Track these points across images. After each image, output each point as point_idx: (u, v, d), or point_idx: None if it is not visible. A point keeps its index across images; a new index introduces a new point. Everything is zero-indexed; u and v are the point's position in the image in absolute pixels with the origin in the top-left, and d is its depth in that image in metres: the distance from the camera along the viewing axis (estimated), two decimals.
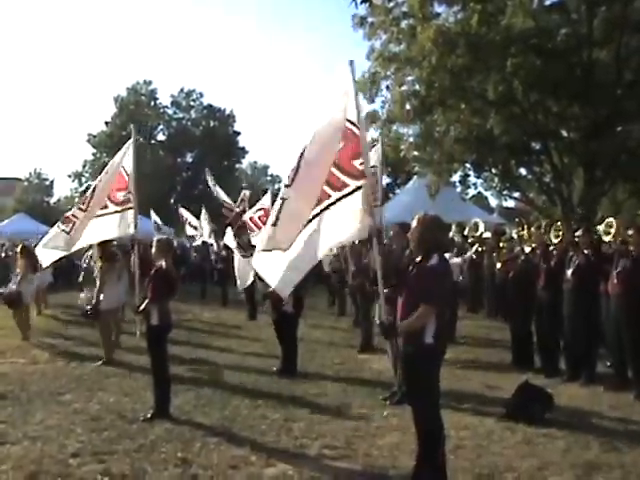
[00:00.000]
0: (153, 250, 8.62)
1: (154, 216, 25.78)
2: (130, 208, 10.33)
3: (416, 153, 25.06)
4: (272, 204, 11.48)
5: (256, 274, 11.59)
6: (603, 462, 6.60)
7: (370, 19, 23.36)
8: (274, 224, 7.00)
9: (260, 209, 15.48)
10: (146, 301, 8.44)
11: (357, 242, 14.96)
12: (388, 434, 7.54)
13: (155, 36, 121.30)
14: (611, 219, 11.08)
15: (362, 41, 23.88)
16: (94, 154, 63.54)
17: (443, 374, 5.91)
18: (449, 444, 6.25)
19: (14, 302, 14.57)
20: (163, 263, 8.39)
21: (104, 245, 12.38)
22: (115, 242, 12.73)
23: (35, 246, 18.60)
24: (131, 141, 10.68)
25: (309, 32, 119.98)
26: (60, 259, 11.81)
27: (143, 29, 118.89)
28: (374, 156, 11.44)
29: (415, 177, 32.21)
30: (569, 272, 10.21)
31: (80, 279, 15.35)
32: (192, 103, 66.38)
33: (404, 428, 7.31)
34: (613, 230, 10.64)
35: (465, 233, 19.19)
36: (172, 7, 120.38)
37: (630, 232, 10.10)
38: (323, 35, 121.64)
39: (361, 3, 8.00)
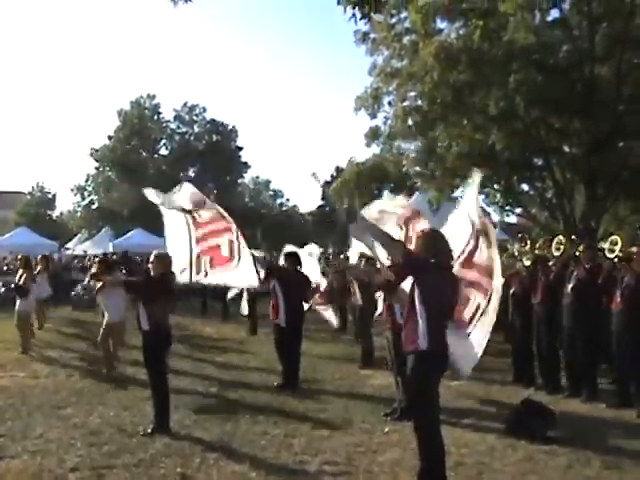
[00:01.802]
0: (152, 263, 8.67)
1: None
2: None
3: (418, 169, 25.13)
4: None
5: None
6: (605, 479, 6.57)
7: (372, 35, 23.52)
8: None
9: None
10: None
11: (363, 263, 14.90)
12: (389, 450, 7.50)
13: (159, 51, 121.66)
14: (615, 237, 11.03)
15: (364, 56, 24.06)
16: (97, 168, 63.73)
17: (444, 390, 5.90)
18: (450, 461, 6.23)
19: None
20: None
21: (105, 259, 12.50)
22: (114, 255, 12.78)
23: (44, 258, 18.76)
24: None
25: (311, 47, 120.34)
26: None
27: (147, 43, 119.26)
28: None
29: (417, 193, 32.26)
30: (569, 287, 10.21)
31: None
32: (195, 118, 66.66)
33: (405, 444, 7.30)
34: (618, 247, 10.60)
35: None
36: (175, 22, 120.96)
37: (634, 249, 10.08)
38: (325, 49, 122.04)
39: (360, 19, 7.99)
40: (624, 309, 9.53)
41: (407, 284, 6.24)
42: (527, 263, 11.85)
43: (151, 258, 8.76)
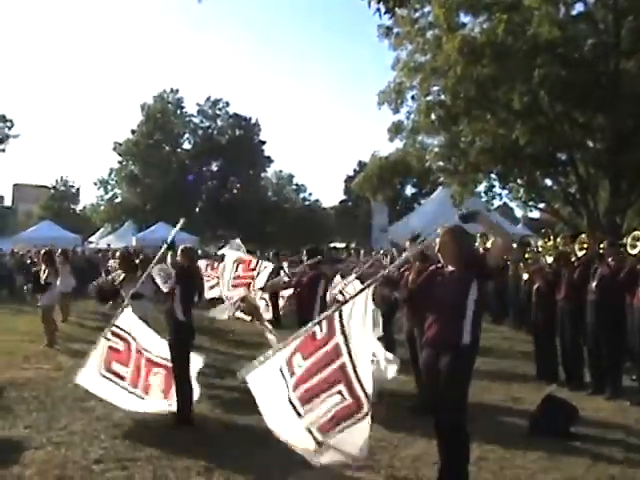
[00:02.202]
0: (179, 257, 8.76)
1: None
2: None
3: (441, 163, 25.06)
4: None
5: None
6: (628, 477, 6.55)
7: (396, 29, 23.48)
8: None
9: None
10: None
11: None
12: (411, 445, 7.50)
13: (182, 45, 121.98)
14: (637, 232, 10.96)
15: (387, 51, 24.06)
16: (120, 162, 64.09)
17: None
18: (472, 456, 6.20)
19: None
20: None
21: (126, 256, 12.69)
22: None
23: (63, 252, 18.92)
24: None
25: (334, 42, 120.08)
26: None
27: (170, 38, 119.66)
28: None
29: (440, 187, 32.17)
30: (593, 284, 10.14)
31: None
32: (218, 112, 66.73)
33: (427, 439, 7.27)
34: None
35: (488, 245, 19.11)
36: (199, 17, 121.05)
37: None
38: (347, 44, 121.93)
39: (385, 13, 8.00)
40: None
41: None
42: (550, 260, 11.79)
43: (179, 252, 8.85)
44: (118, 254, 15.24)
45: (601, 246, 11.09)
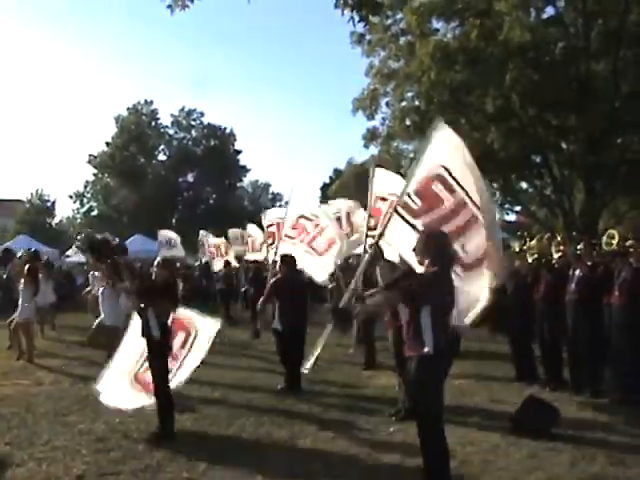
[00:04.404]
0: (156, 268, 8.69)
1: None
2: None
3: None
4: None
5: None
6: (610, 475, 6.59)
7: (368, 36, 23.61)
8: None
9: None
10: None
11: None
12: (393, 450, 7.51)
13: (156, 56, 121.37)
14: (612, 230, 11.09)
15: (361, 58, 24.21)
16: (95, 174, 63.77)
17: (447, 389, 5.90)
18: (454, 459, 6.24)
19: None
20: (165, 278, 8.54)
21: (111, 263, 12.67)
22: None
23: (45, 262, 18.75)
24: None
25: (309, 51, 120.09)
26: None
27: (143, 50, 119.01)
28: None
29: None
30: (572, 284, 10.22)
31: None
32: (193, 122, 66.66)
33: (409, 444, 7.29)
34: (615, 241, 10.64)
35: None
36: (172, 27, 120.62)
37: (629, 242, 10.11)
38: (323, 54, 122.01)
39: (359, 22, 8.02)
40: (622, 303, 9.54)
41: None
42: (530, 260, 11.86)
43: (155, 263, 8.79)
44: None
45: (578, 247, 11.19)
